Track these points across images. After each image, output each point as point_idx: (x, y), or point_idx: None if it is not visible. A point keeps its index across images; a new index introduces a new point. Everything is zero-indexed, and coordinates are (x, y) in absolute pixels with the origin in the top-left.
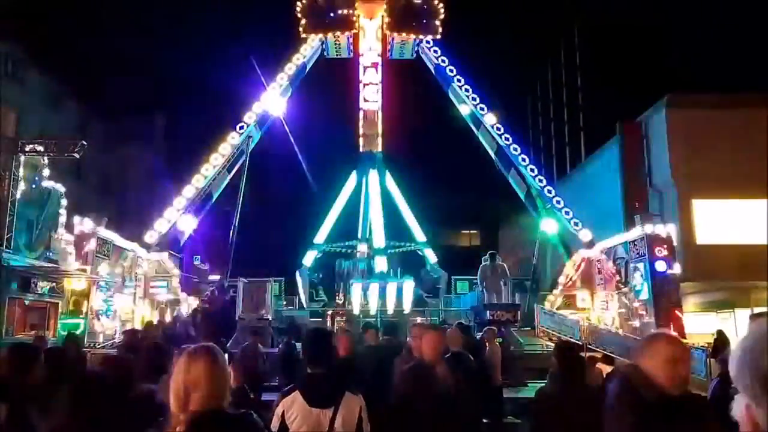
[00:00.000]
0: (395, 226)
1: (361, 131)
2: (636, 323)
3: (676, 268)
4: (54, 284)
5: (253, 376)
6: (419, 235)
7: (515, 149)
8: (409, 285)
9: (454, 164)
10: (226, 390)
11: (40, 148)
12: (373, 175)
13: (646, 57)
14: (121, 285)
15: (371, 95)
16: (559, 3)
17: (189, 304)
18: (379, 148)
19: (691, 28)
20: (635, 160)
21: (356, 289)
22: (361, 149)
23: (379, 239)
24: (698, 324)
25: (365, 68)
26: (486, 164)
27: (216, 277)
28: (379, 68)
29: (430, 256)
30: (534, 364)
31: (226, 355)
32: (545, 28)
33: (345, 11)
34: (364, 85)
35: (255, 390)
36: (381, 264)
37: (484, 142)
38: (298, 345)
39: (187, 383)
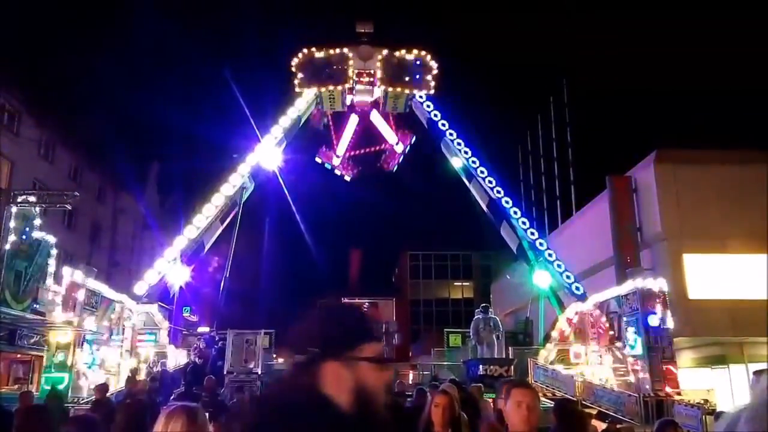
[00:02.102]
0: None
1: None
2: (631, 379)
3: (670, 323)
4: (39, 337)
5: None
6: None
7: (507, 202)
8: None
9: (447, 217)
10: None
11: (33, 199)
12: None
13: (636, 112)
14: (108, 338)
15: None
16: (550, 60)
17: (176, 357)
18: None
19: (679, 86)
20: (625, 214)
21: None
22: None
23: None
24: (693, 379)
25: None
26: (478, 217)
27: (205, 329)
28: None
29: None
30: None
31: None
32: (535, 83)
33: (340, 67)
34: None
35: None
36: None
37: (476, 195)
38: None
39: None
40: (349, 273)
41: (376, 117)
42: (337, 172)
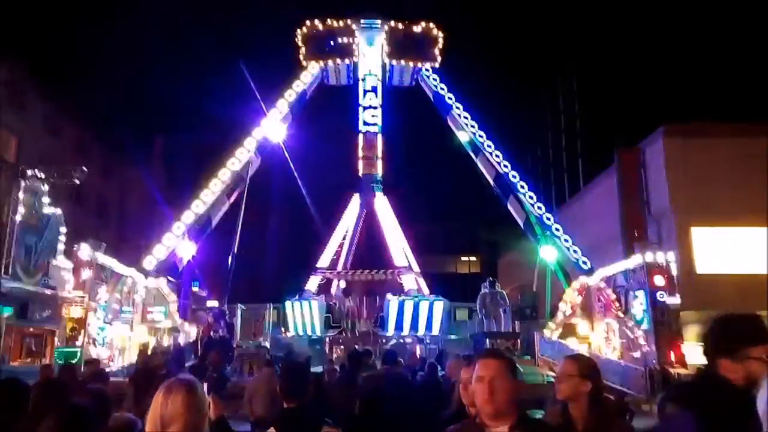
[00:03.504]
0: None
1: (360, 153)
2: (637, 354)
3: (676, 298)
4: (51, 311)
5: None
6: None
7: (514, 176)
8: (439, 305)
9: (453, 191)
10: (203, 424)
11: (41, 175)
12: (381, 197)
13: (644, 85)
14: (118, 311)
15: (371, 118)
16: (558, 33)
17: (187, 330)
18: (379, 172)
19: (688, 58)
20: (633, 187)
21: (393, 305)
22: (360, 173)
23: (401, 259)
24: (699, 354)
25: (365, 92)
26: (485, 191)
27: (214, 303)
28: (379, 92)
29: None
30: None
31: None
32: (543, 56)
33: (345, 39)
34: (364, 108)
35: None
36: (409, 282)
37: (482, 169)
38: None
39: (164, 417)
40: (356, 246)
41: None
42: None
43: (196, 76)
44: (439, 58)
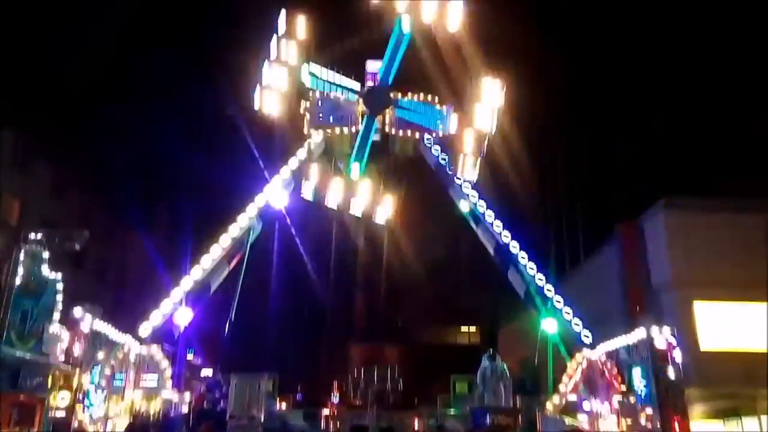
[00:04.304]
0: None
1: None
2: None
3: (680, 374)
4: (42, 378)
5: None
6: None
7: (514, 246)
8: None
9: (453, 260)
10: None
11: (42, 239)
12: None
13: (645, 158)
14: (111, 379)
15: None
16: (557, 104)
17: (179, 400)
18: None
19: (687, 133)
20: (634, 261)
21: None
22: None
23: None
24: None
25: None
26: (485, 261)
27: (209, 372)
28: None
29: None
30: None
31: None
32: (543, 128)
33: (348, 108)
34: None
35: None
36: None
37: (483, 239)
38: None
39: None
40: (355, 316)
41: None
42: None
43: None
44: (441, 129)
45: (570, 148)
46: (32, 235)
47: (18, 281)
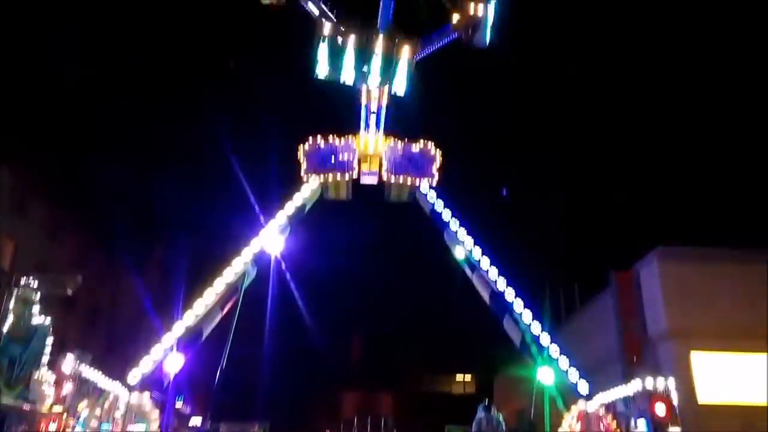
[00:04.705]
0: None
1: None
2: None
3: (678, 428)
4: (28, 426)
5: None
6: None
7: (509, 294)
8: None
9: (448, 308)
10: None
11: (34, 284)
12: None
13: (639, 205)
14: (97, 428)
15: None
16: (551, 152)
17: None
18: None
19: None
20: (630, 310)
21: None
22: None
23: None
24: None
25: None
26: (481, 309)
27: (198, 420)
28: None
29: None
30: None
31: None
32: (537, 175)
33: (346, 155)
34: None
35: None
36: None
37: (478, 286)
38: None
39: None
40: (348, 363)
41: None
42: None
43: (196, 188)
44: (436, 176)
45: (565, 194)
46: (24, 280)
47: (7, 327)
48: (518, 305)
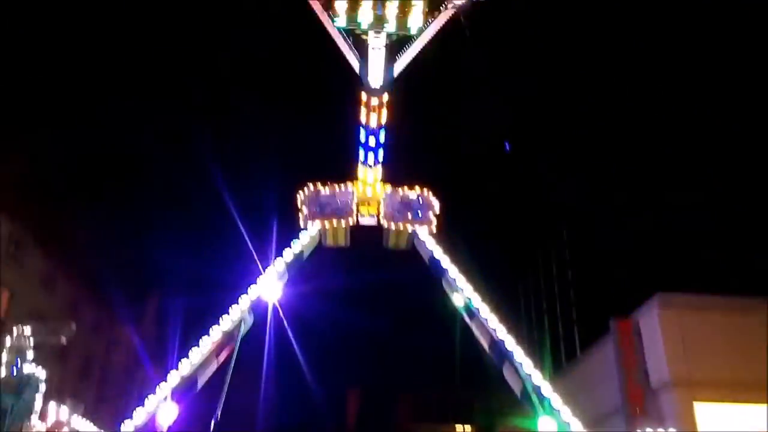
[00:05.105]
0: None
1: None
2: None
3: None
4: None
5: None
6: None
7: (509, 342)
8: None
9: (447, 356)
10: None
11: (28, 332)
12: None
13: (638, 252)
14: None
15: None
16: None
17: None
18: None
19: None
20: (631, 358)
21: None
22: None
23: None
24: None
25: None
26: (480, 357)
27: None
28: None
29: None
30: None
31: None
32: (536, 223)
33: (345, 202)
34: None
35: None
36: None
37: (477, 334)
38: None
39: None
40: (346, 414)
41: None
42: None
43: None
44: (435, 223)
45: (563, 242)
46: (18, 329)
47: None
48: (518, 354)
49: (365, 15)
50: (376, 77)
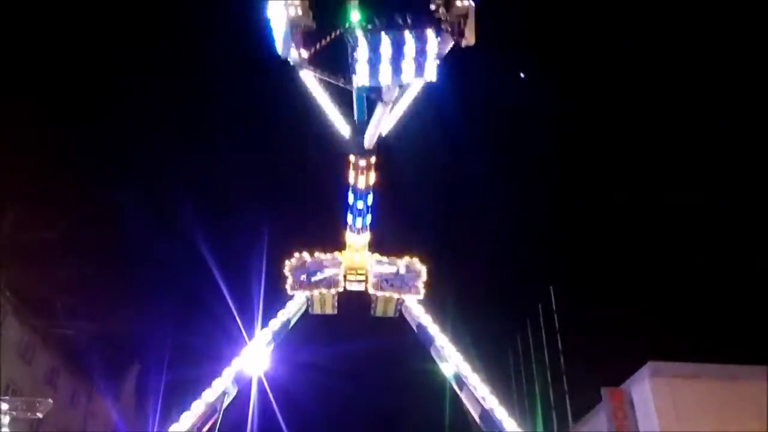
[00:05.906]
0: None
1: None
2: None
3: None
4: None
5: None
6: None
7: (500, 413)
8: None
9: (436, 426)
10: None
11: (6, 407)
12: None
13: (628, 320)
14: None
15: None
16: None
17: None
18: None
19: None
20: (625, 428)
21: None
22: None
23: None
24: None
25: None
26: (470, 428)
27: None
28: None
29: None
30: None
31: None
32: (523, 290)
33: (333, 270)
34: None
35: None
36: None
37: (467, 404)
38: None
39: None
40: None
41: None
42: None
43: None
44: (422, 291)
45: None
46: None
47: None
48: (510, 425)
49: (385, 69)
50: (371, 136)
